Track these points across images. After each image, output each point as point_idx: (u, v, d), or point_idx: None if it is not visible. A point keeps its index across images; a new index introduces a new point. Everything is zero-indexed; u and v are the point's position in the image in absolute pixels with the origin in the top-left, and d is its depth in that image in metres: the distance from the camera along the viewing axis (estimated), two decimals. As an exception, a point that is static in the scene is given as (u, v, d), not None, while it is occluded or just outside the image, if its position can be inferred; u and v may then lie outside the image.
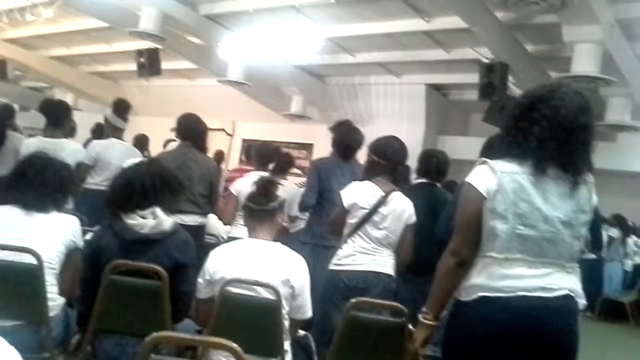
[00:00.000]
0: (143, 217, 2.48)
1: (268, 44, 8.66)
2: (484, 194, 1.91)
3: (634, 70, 7.76)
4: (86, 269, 2.54)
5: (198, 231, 4.06)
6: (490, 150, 2.68)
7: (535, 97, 1.96)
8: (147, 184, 2.52)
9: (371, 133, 3.57)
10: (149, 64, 9.89)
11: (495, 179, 1.90)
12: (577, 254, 1.96)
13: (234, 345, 1.56)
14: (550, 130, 1.88)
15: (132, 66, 10.43)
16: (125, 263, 2.41)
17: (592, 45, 6.53)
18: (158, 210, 2.49)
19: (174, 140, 4.72)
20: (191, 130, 4.28)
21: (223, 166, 9.19)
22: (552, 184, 1.90)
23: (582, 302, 1.96)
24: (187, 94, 12.22)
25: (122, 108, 5.11)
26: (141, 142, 6.85)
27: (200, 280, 2.53)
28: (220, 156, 9.02)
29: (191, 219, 4.00)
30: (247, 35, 8.63)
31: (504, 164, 1.93)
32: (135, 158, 4.07)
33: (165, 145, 6.21)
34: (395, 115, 10.48)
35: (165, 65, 10.34)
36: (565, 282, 1.92)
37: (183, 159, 4.06)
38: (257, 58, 9.53)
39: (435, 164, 4.11)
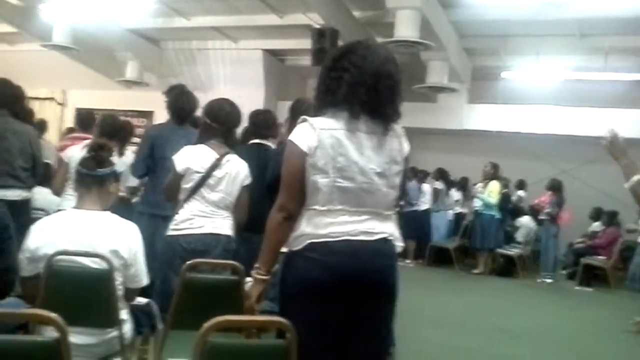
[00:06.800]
0: None
1: (96, 4, 8.18)
2: (306, 150, 2.01)
3: (448, 36, 8.47)
4: None
5: (22, 206, 3.83)
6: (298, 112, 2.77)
7: (344, 48, 2.11)
8: None
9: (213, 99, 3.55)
10: (-43, 26, 8.93)
11: (315, 135, 2.00)
12: (393, 202, 2.13)
13: (53, 315, 1.51)
14: (360, 75, 2.02)
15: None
16: None
17: (411, 11, 7.02)
18: None
19: None
20: (2, 96, 3.88)
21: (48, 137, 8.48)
22: (365, 138, 2.04)
23: (399, 245, 2.15)
24: (8, 61, 11.18)
25: None
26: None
27: (21, 257, 2.40)
28: (42, 125, 8.33)
29: (13, 194, 3.78)
30: (72, -5, 8.08)
31: (323, 121, 2.04)
32: None
33: None
34: (235, 81, 10.46)
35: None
36: (383, 227, 2.09)
37: None
38: (85, 20, 8.96)
39: (261, 120, 4.22)
